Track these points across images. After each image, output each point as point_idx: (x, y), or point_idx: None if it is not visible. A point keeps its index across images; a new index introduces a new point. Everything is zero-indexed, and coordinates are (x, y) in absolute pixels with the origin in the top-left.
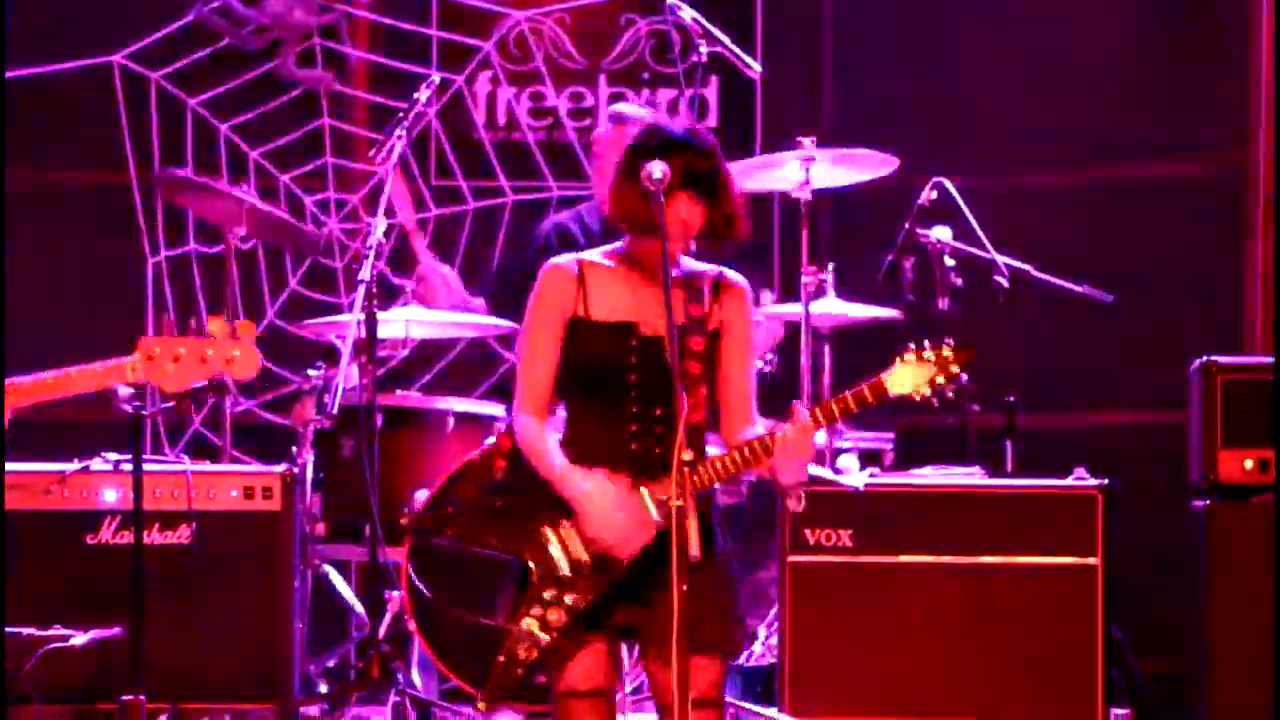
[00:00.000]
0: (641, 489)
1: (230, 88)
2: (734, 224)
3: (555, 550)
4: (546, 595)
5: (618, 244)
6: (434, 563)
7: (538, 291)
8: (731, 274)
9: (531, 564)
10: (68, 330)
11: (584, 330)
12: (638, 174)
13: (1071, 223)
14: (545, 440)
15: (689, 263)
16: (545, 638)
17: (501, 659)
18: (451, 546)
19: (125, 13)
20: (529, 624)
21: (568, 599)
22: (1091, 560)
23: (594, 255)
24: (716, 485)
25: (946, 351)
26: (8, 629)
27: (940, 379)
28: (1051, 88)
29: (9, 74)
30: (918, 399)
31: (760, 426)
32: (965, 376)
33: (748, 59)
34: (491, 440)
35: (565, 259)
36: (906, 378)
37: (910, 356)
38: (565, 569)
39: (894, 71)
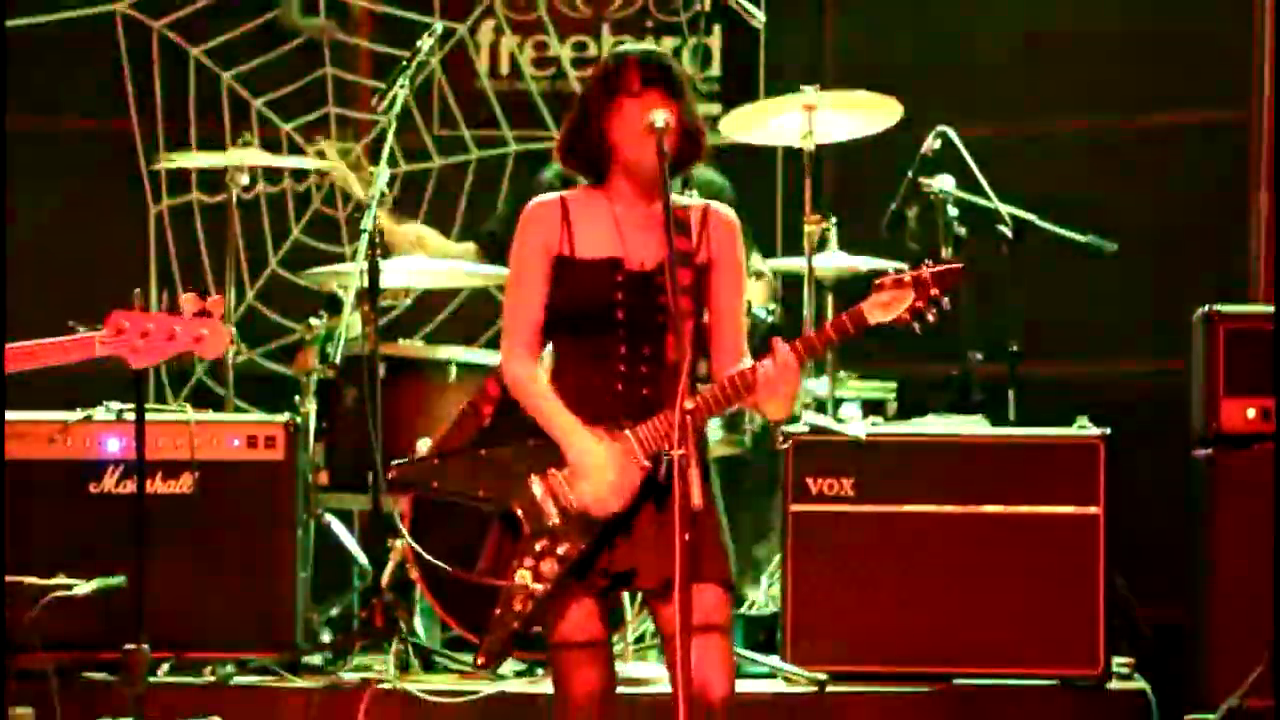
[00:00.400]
0: (627, 432)
1: (232, 37)
2: (698, 134)
3: (544, 500)
4: (538, 546)
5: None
6: (432, 516)
7: (521, 230)
8: (720, 206)
9: (521, 514)
10: (69, 280)
11: (569, 268)
12: (608, 101)
13: (1076, 172)
14: (538, 383)
15: (674, 197)
16: (539, 588)
17: (498, 612)
18: (439, 498)
19: None
20: (523, 576)
21: (559, 549)
22: (1094, 509)
23: (577, 192)
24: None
25: (926, 273)
26: (10, 578)
27: (919, 303)
28: (1056, 37)
29: (17, 21)
30: (899, 325)
31: (749, 362)
32: (948, 300)
33: (751, 8)
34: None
35: (548, 196)
36: (885, 304)
37: (889, 282)
38: (555, 519)
39: (898, 20)
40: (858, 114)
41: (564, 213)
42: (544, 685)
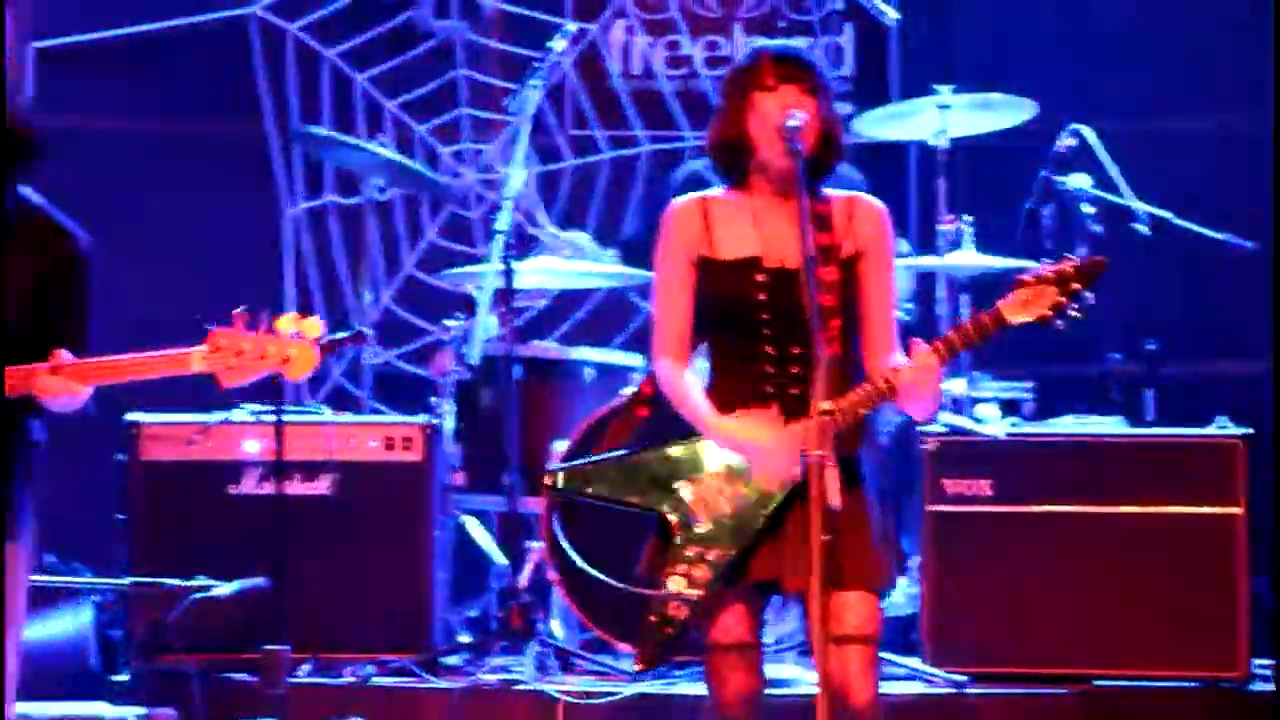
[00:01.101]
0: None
1: (367, 39)
2: (836, 135)
3: (694, 506)
4: (690, 553)
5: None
6: (577, 518)
7: (664, 235)
8: (866, 196)
9: (673, 520)
10: (205, 283)
11: (712, 269)
12: (744, 98)
13: (1212, 168)
14: (688, 386)
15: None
16: (693, 593)
17: (654, 619)
18: (594, 505)
19: None
20: (676, 582)
21: (710, 556)
22: (1234, 510)
23: (716, 191)
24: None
25: (1069, 267)
26: (153, 579)
27: (1062, 299)
28: (1188, 31)
29: (154, 25)
30: (1041, 322)
31: (901, 356)
32: (1091, 295)
33: (883, 6)
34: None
35: (688, 198)
36: (1026, 302)
37: (1030, 278)
38: (705, 525)
39: (1030, 18)
40: (990, 113)
41: (704, 213)
42: (681, 688)
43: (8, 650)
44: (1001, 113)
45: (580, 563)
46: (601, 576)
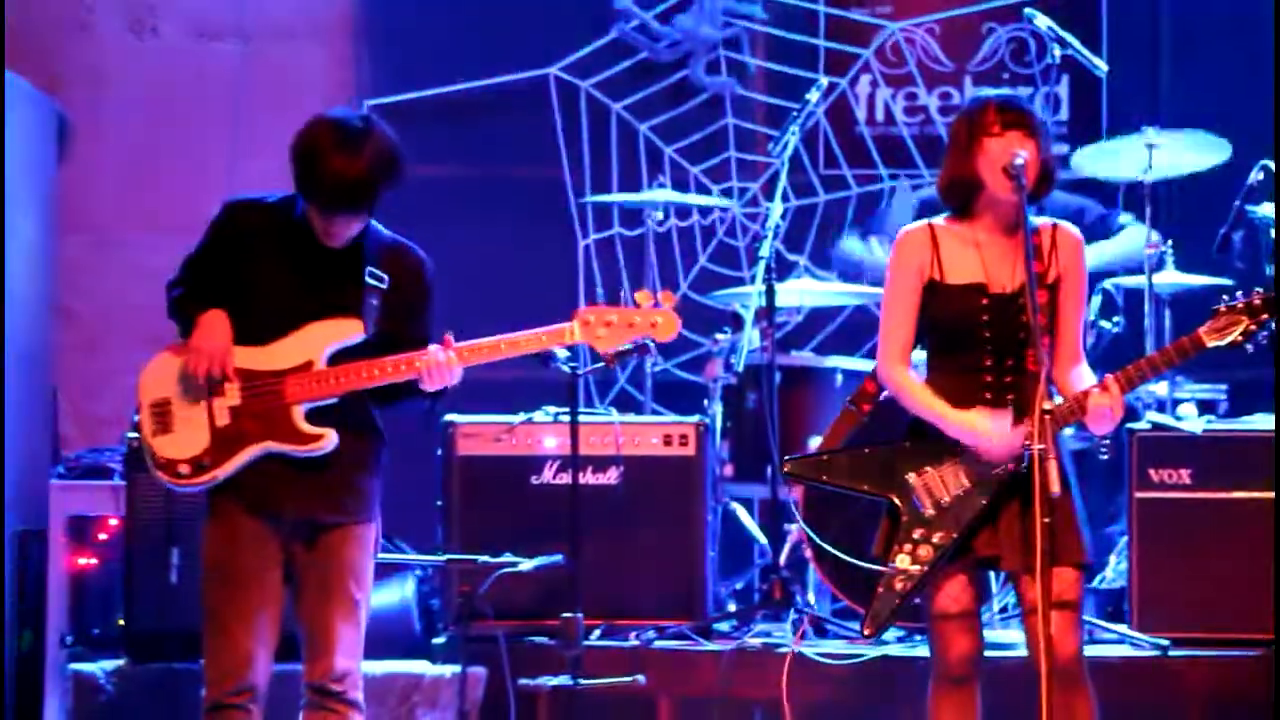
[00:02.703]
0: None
1: (648, 94)
2: (1049, 173)
3: (921, 494)
4: (915, 535)
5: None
6: (824, 502)
7: (895, 257)
8: (1066, 226)
9: (900, 505)
10: (511, 302)
11: (939, 292)
12: (973, 142)
13: None
14: (914, 383)
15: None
16: (916, 569)
17: (881, 590)
18: (829, 489)
19: (559, 32)
20: (902, 560)
21: (934, 538)
22: None
23: (943, 222)
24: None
25: (1257, 300)
26: (467, 556)
27: (1252, 326)
28: None
29: (468, 85)
30: (1233, 347)
31: (1087, 369)
32: (1274, 324)
33: (1095, 59)
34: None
35: (918, 224)
36: (1221, 329)
37: (1224, 309)
38: (930, 511)
39: (1225, 67)
40: (1190, 151)
41: (933, 240)
42: (920, 650)
43: (361, 614)
44: (1200, 151)
45: (823, 544)
46: (842, 555)
